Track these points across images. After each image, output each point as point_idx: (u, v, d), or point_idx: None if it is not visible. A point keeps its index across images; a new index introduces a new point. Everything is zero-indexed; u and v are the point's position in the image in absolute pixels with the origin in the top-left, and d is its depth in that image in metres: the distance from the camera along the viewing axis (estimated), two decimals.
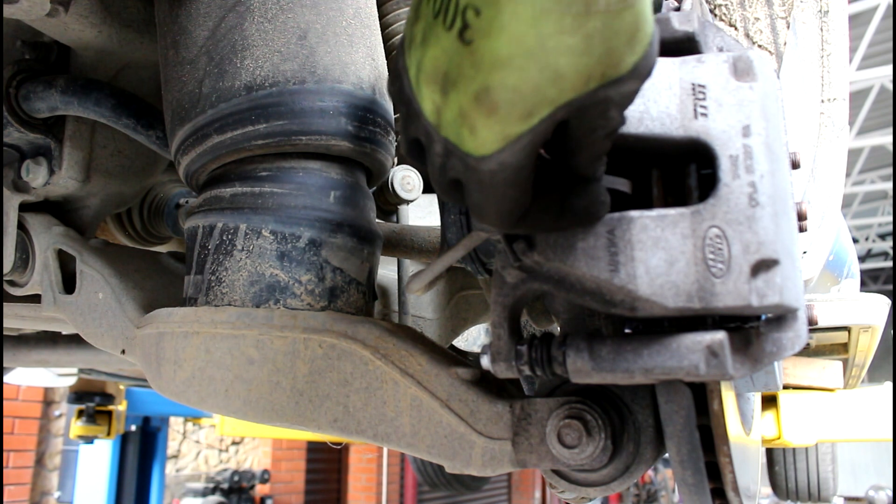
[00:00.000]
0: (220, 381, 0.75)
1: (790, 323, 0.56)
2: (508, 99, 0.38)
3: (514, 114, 0.39)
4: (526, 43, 0.36)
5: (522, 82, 0.37)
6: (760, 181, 0.50)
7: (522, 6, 0.35)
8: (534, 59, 0.36)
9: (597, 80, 0.38)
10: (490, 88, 0.38)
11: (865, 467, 12.25)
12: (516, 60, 0.37)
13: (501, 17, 0.36)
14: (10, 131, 1.05)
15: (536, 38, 0.36)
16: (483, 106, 0.39)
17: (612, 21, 0.35)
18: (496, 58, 0.37)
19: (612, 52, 0.37)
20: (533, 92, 0.38)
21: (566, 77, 0.37)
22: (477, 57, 0.37)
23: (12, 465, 4.90)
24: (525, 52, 0.36)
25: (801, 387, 2.47)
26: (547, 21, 0.35)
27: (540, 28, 0.35)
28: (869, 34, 7.36)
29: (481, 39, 0.37)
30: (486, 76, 0.38)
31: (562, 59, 0.36)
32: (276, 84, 0.78)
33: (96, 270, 1.00)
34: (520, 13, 0.35)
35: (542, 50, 0.36)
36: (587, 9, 0.35)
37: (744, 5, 0.96)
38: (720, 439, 0.59)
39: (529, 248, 0.56)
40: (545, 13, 0.35)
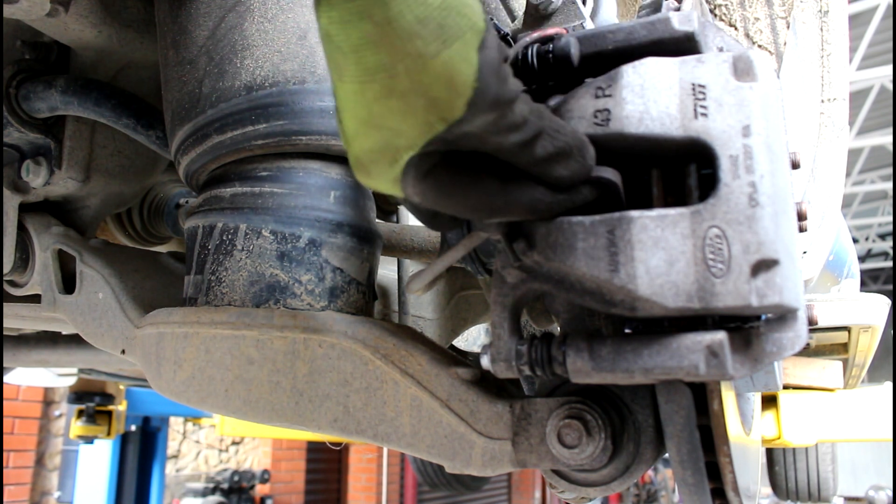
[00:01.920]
0: (220, 381, 0.75)
1: (790, 323, 0.56)
2: (371, 159, 0.44)
3: (381, 167, 0.45)
4: (360, 115, 0.42)
5: (372, 144, 0.43)
6: (760, 181, 0.50)
7: (346, 84, 0.40)
8: (369, 125, 0.42)
9: (440, 123, 0.42)
10: (357, 156, 0.45)
11: (865, 467, 12.25)
12: (361, 129, 0.43)
13: (341, 98, 0.42)
14: (10, 131, 1.05)
15: (365, 109, 0.41)
16: (360, 170, 0.46)
17: (419, 77, 0.39)
18: (350, 131, 0.43)
19: (437, 101, 0.40)
20: (384, 148, 0.43)
21: (404, 131, 0.42)
22: (343, 132, 0.44)
23: (12, 465, 4.90)
24: (363, 122, 0.42)
25: (801, 387, 2.47)
26: (364, 94, 0.40)
27: (361, 100, 0.41)
28: (869, 34, 7.36)
29: (342, 115, 0.43)
30: (351, 147, 0.44)
31: (391, 120, 0.41)
32: (277, 84, 0.78)
33: (96, 270, 1.00)
34: (347, 92, 0.41)
35: (372, 117, 0.41)
36: (390, 74, 0.39)
37: (744, 5, 0.96)
38: (720, 439, 0.59)
39: (529, 248, 0.56)
40: (361, 87, 0.40)
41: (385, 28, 0.37)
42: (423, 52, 0.38)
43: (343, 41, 0.38)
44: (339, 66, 0.40)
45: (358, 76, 0.39)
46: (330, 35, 0.39)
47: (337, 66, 0.40)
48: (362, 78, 0.39)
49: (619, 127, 0.54)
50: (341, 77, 0.40)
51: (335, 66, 0.40)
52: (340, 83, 0.41)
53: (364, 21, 0.37)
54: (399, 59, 0.38)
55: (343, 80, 0.40)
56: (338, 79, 0.41)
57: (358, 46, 0.38)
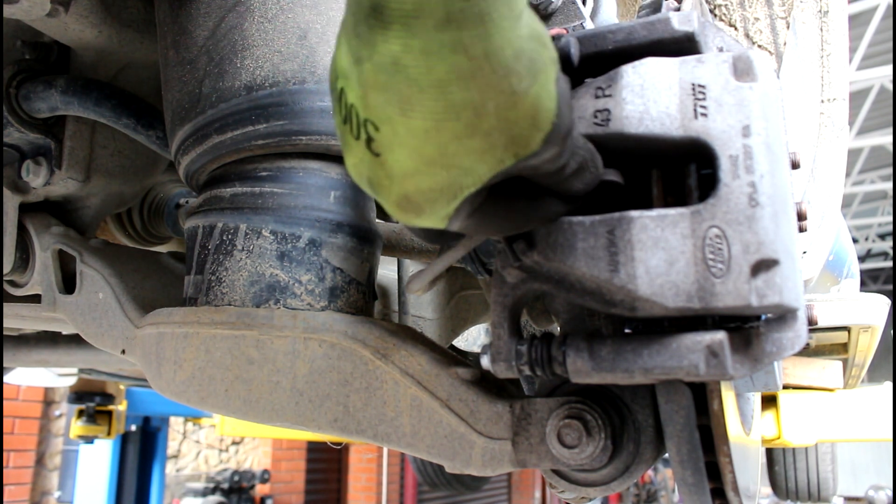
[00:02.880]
0: (220, 380, 0.75)
1: (790, 323, 0.56)
2: (428, 198, 0.40)
3: (439, 206, 0.40)
4: (427, 153, 0.37)
5: (436, 184, 0.39)
6: (760, 181, 0.50)
7: (415, 121, 0.35)
8: (438, 165, 0.37)
9: (511, 159, 0.38)
10: (408, 195, 0.40)
11: (865, 467, 12.25)
12: (423, 168, 0.38)
13: (398, 134, 0.36)
14: (10, 131, 1.05)
15: (436, 148, 0.36)
16: (409, 210, 0.41)
17: (506, 115, 0.36)
18: (404, 170, 0.38)
19: (517, 138, 0.37)
20: (448, 186, 0.39)
21: (475, 170, 0.38)
22: (388, 169, 0.39)
23: (13, 465, 4.90)
24: (428, 161, 0.37)
25: (801, 387, 2.47)
26: (441, 132, 0.35)
27: (436, 139, 0.36)
28: (869, 34, 7.36)
29: (387, 153, 0.38)
30: (400, 186, 0.39)
31: (465, 160, 0.37)
32: (277, 84, 0.78)
33: (96, 270, 1.00)
34: (414, 129, 0.36)
35: (444, 156, 0.37)
36: (477, 112, 0.35)
37: (744, 5, 0.96)
38: (720, 439, 0.59)
39: (529, 248, 0.56)
40: (438, 125, 0.35)
41: (482, 63, 0.33)
42: (517, 90, 0.35)
43: (422, 74, 0.33)
44: (406, 100, 0.35)
45: (436, 113, 0.35)
46: (401, 66, 0.33)
47: (403, 99, 0.35)
48: (442, 115, 0.35)
49: (619, 127, 0.54)
50: (406, 112, 0.35)
51: (398, 99, 0.35)
52: (403, 119, 0.35)
53: (457, 55, 0.32)
54: (491, 97, 0.34)
55: (409, 115, 0.35)
56: (398, 114, 0.35)
57: (443, 81, 0.33)
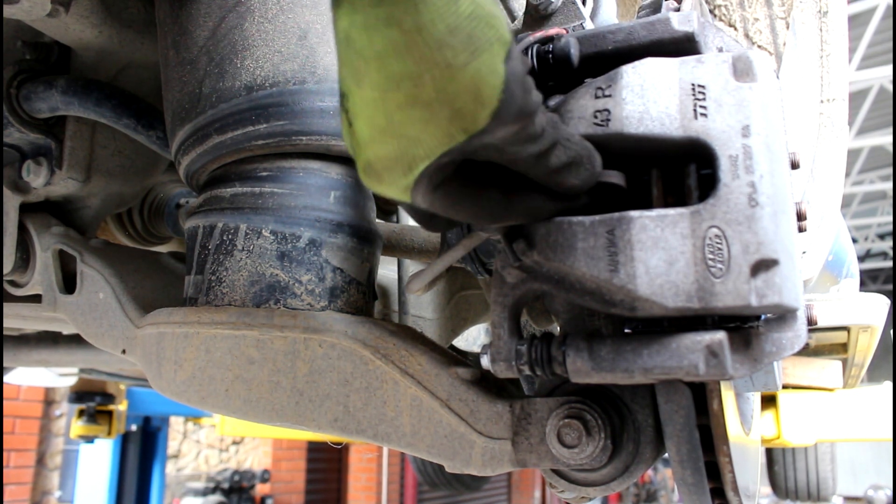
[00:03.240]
0: (220, 380, 0.75)
1: (790, 323, 0.56)
2: (385, 166, 0.43)
3: (395, 174, 0.43)
4: (377, 122, 0.40)
5: (389, 152, 0.42)
6: (760, 181, 0.50)
7: (365, 91, 0.39)
8: (388, 134, 0.40)
9: (461, 134, 0.41)
10: (370, 162, 0.43)
11: (865, 467, 12.25)
12: (377, 136, 0.41)
13: (356, 103, 0.40)
14: (10, 131, 1.05)
15: (384, 117, 0.40)
16: (371, 176, 0.44)
17: (445, 87, 0.38)
18: (363, 137, 0.42)
19: (461, 112, 0.39)
20: (401, 156, 0.42)
21: (424, 140, 0.41)
22: (356, 137, 0.42)
23: (13, 465, 4.90)
24: (380, 130, 0.40)
25: (801, 386, 2.47)
26: (386, 101, 0.39)
27: (382, 108, 0.39)
28: (868, 35, 7.36)
29: (354, 122, 0.42)
30: (363, 153, 0.43)
31: (412, 129, 0.40)
32: (277, 84, 0.78)
33: (97, 270, 1.00)
34: (365, 98, 0.39)
35: (392, 125, 0.40)
36: (416, 83, 0.37)
37: (743, 6, 0.96)
38: (720, 439, 0.59)
39: (529, 248, 0.56)
40: (382, 94, 0.38)
41: (414, 36, 0.36)
42: (452, 63, 0.37)
43: (365, 47, 0.37)
44: (357, 71, 0.38)
45: (380, 84, 0.38)
46: (350, 39, 0.37)
47: (355, 71, 0.38)
48: (385, 86, 0.38)
49: (619, 127, 0.54)
50: (359, 83, 0.39)
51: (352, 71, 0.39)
52: (357, 89, 0.39)
53: (391, 28, 0.35)
54: (426, 69, 0.37)
55: (361, 86, 0.39)
56: (354, 84, 0.39)
57: (382, 54, 0.36)
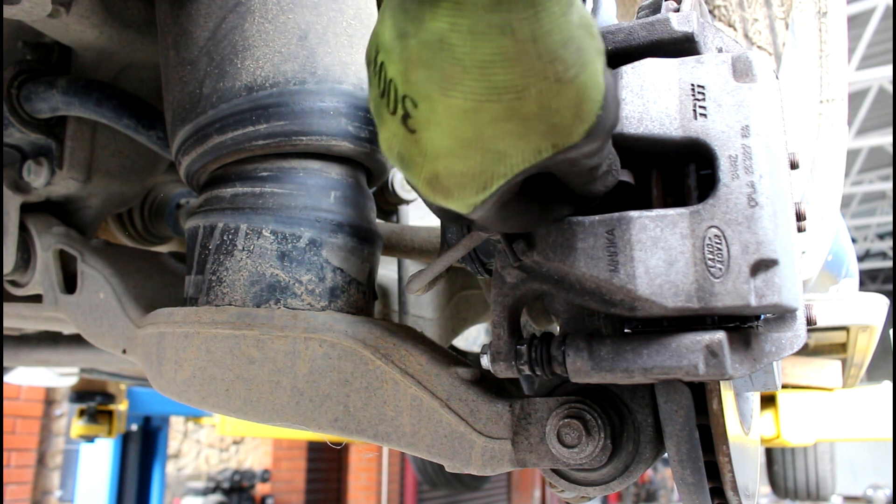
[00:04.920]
0: (220, 380, 0.75)
1: (789, 323, 0.56)
2: (458, 182, 0.39)
3: (468, 192, 0.40)
4: (463, 134, 0.36)
5: (467, 168, 0.38)
6: (759, 181, 0.50)
7: (454, 100, 0.35)
8: (473, 147, 0.37)
9: (548, 150, 0.38)
10: (439, 176, 0.39)
11: (864, 466, 12.26)
12: (457, 150, 0.37)
13: (436, 112, 0.36)
14: (11, 132, 1.05)
15: (473, 129, 0.36)
16: (437, 190, 0.40)
17: (549, 102, 0.35)
18: (438, 148, 0.37)
19: (558, 127, 0.37)
20: (480, 172, 0.38)
21: (511, 155, 0.37)
22: (421, 146, 0.38)
23: (14, 465, 4.90)
24: (463, 143, 0.36)
25: (800, 386, 2.47)
26: (480, 113, 0.35)
27: (474, 119, 0.35)
28: (867, 35, 7.35)
29: (423, 131, 0.37)
30: (432, 165, 0.39)
31: (501, 143, 0.36)
32: (277, 84, 0.78)
33: (97, 270, 1.00)
34: (452, 107, 0.35)
35: (481, 138, 0.36)
36: (519, 96, 0.34)
37: (743, 6, 0.97)
38: (719, 439, 0.59)
39: (529, 248, 0.56)
40: (477, 105, 0.34)
41: (527, 46, 0.32)
42: (562, 76, 0.34)
43: (467, 54, 0.33)
44: (448, 78, 0.34)
45: (477, 94, 0.34)
46: (447, 44, 0.33)
47: (445, 78, 0.34)
48: (483, 97, 0.34)
49: (619, 128, 0.54)
50: (447, 91, 0.34)
51: (440, 77, 0.34)
52: (443, 97, 0.35)
53: (504, 36, 0.32)
54: (534, 82, 0.34)
55: (449, 94, 0.34)
56: (439, 92, 0.35)
57: (487, 62, 0.33)
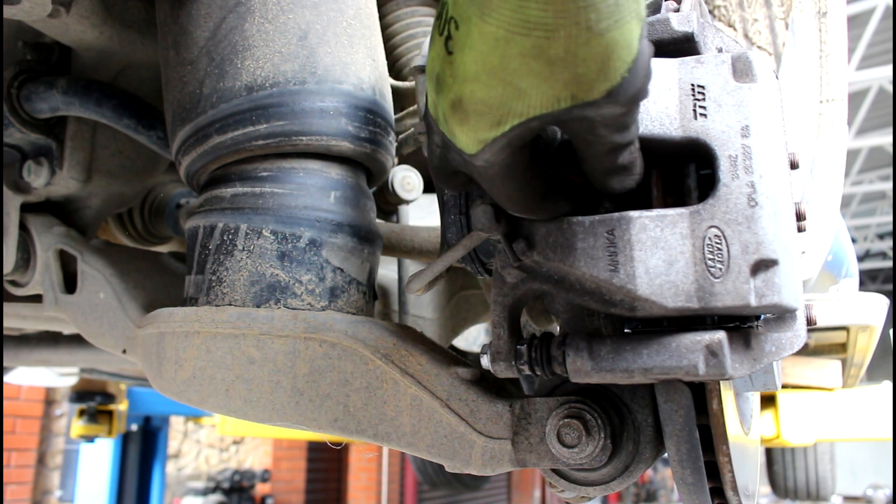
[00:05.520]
0: (220, 380, 0.75)
1: (789, 323, 0.56)
2: (477, 110, 0.40)
3: (483, 123, 0.41)
4: (490, 62, 0.37)
5: (488, 97, 0.39)
6: (759, 181, 0.50)
7: (489, 27, 0.36)
8: (497, 77, 0.38)
9: (567, 100, 0.39)
10: (462, 99, 0.40)
11: (864, 466, 12.26)
12: (482, 77, 0.38)
13: (472, 36, 0.37)
14: (11, 132, 1.05)
15: (500, 59, 0.37)
16: (457, 114, 0.41)
17: (577, 49, 0.36)
18: (467, 72, 0.39)
19: (581, 77, 0.37)
20: (499, 105, 0.39)
21: (531, 95, 0.38)
22: (454, 68, 0.39)
23: (14, 464, 4.90)
24: (489, 70, 0.38)
25: (800, 386, 2.47)
26: (510, 44, 0.36)
27: (503, 49, 0.36)
28: (867, 35, 7.35)
29: (458, 52, 0.38)
30: (459, 87, 0.40)
31: (524, 81, 0.38)
32: (277, 84, 0.78)
33: (97, 270, 1.00)
34: (486, 34, 0.36)
35: (505, 70, 0.37)
36: (550, 35, 0.35)
37: (743, 6, 0.97)
38: (719, 439, 0.59)
39: (529, 248, 0.56)
40: (508, 35, 0.35)
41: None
42: (593, 26, 0.35)
43: None
44: (488, 4, 0.35)
45: (510, 24, 0.35)
46: None
47: (485, 3, 0.35)
48: (515, 28, 0.35)
49: None
50: (485, 16, 0.35)
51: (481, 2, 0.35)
52: (480, 21, 0.36)
53: None
54: (564, 24, 0.34)
55: (486, 20, 0.35)
56: (478, 15, 0.36)
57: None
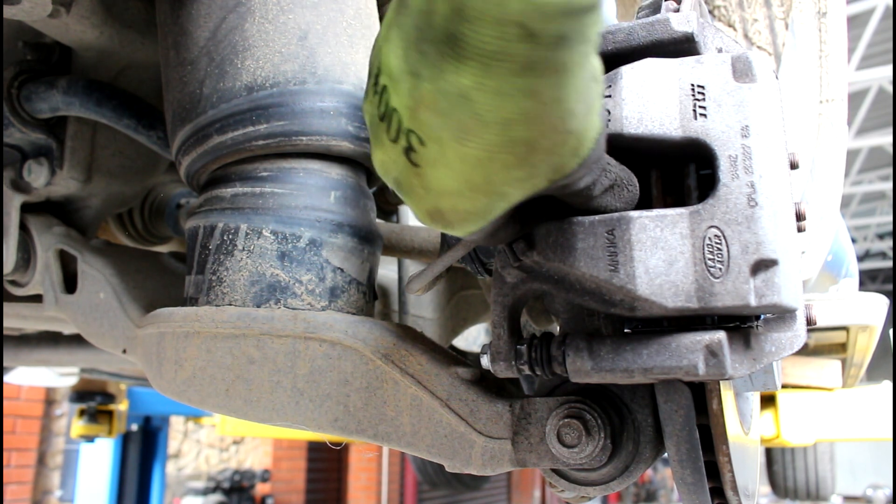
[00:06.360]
0: (220, 380, 0.75)
1: (789, 323, 0.56)
2: (461, 218, 0.39)
3: (469, 224, 0.40)
4: (473, 180, 0.36)
5: (472, 207, 0.38)
6: (759, 181, 0.50)
7: (469, 150, 0.34)
8: (481, 191, 0.37)
9: (543, 184, 0.38)
10: (442, 211, 0.39)
11: (864, 466, 12.26)
12: (465, 192, 0.37)
13: (446, 156, 0.35)
14: (11, 132, 1.05)
15: (483, 177, 0.36)
16: (438, 222, 0.40)
17: (555, 149, 0.35)
18: (444, 188, 0.37)
19: (557, 166, 0.37)
20: (483, 211, 0.39)
21: (513, 195, 0.38)
22: (425, 181, 0.37)
23: (14, 464, 4.90)
24: (473, 187, 0.36)
25: (800, 386, 2.47)
26: (493, 162, 0.35)
27: (486, 168, 0.35)
28: (867, 35, 7.36)
29: (428, 168, 0.37)
30: (436, 200, 0.38)
31: (508, 187, 0.37)
32: (277, 84, 0.78)
33: (97, 270, 1.00)
34: (465, 155, 0.35)
35: (489, 184, 0.36)
36: (531, 148, 0.34)
37: (742, 6, 0.97)
38: (719, 439, 0.59)
39: (529, 248, 0.56)
40: (491, 156, 0.34)
41: (550, 108, 0.33)
42: (571, 128, 0.35)
43: (489, 111, 0.32)
44: (465, 130, 0.33)
45: (493, 147, 0.34)
46: (469, 99, 0.32)
47: (461, 129, 0.33)
48: (499, 149, 0.34)
49: (619, 127, 0.54)
50: (462, 141, 0.34)
51: (456, 127, 0.34)
52: (457, 145, 0.34)
53: (528, 99, 0.32)
54: (546, 135, 0.34)
55: (464, 144, 0.34)
56: (454, 140, 0.34)
57: (509, 120, 0.33)
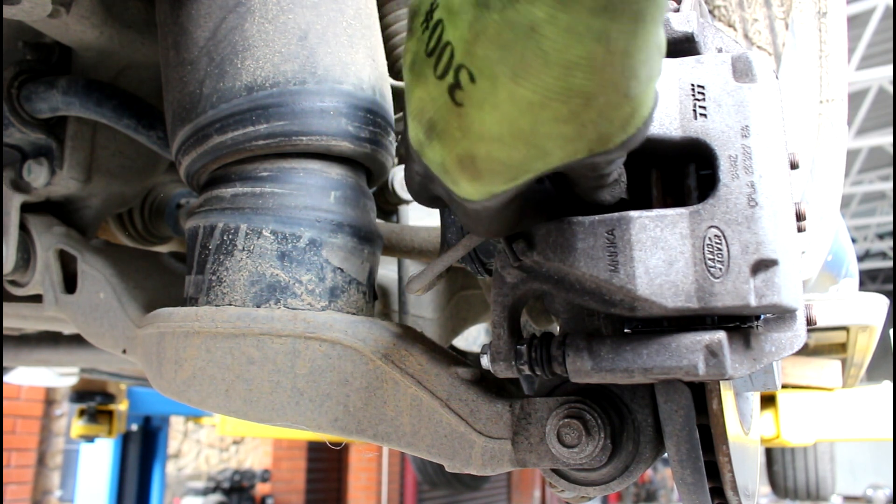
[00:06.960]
0: (220, 380, 0.75)
1: (789, 323, 0.56)
2: (493, 169, 0.37)
3: (498, 180, 0.38)
4: (519, 126, 0.34)
5: (509, 158, 0.36)
6: (759, 181, 0.50)
7: (522, 90, 0.32)
8: (524, 140, 0.35)
9: (583, 153, 0.37)
10: (475, 157, 0.37)
11: (864, 466, 12.26)
12: (506, 138, 0.35)
13: (497, 95, 0.33)
14: (11, 132, 1.05)
15: (530, 124, 0.34)
16: (466, 170, 0.38)
17: (609, 112, 0.34)
18: (485, 131, 0.35)
19: (604, 135, 0.36)
20: (519, 165, 0.37)
21: (554, 155, 0.36)
22: (465, 122, 0.35)
23: (14, 464, 4.90)
24: (515, 133, 0.35)
25: (800, 386, 2.47)
26: (544, 109, 0.33)
27: (536, 114, 0.33)
28: (867, 35, 7.36)
29: (472, 108, 0.35)
30: (472, 144, 0.36)
31: (551, 143, 0.35)
32: (277, 84, 0.78)
33: (97, 270, 1.00)
34: (517, 97, 0.33)
35: (534, 134, 0.34)
36: (587, 102, 0.33)
37: (742, 6, 0.97)
38: (719, 439, 0.59)
39: (529, 248, 0.56)
40: (544, 101, 0.33)
41: (616, 59, 0.31)
42: (629, 92, 0.33)
43: (556, 50, 0.30)
44: (524, 66, 0.31)
45: (548, 90, 0.32)
46: (538, 34, 0.30)
47: (521, 64, 0.31)
48: (555, 95, 0.32)
49: None
50: (518, 79, 0.32)
51: (516, 62, 0.32)
52: (510, 83, 0.32)
53: (599, 43, 0.30)
54: (605, 92, 0.32)
55: (520, 83, 0.32)
56: (508, 77, 0.32)
57: (573, 64, 0.31)
